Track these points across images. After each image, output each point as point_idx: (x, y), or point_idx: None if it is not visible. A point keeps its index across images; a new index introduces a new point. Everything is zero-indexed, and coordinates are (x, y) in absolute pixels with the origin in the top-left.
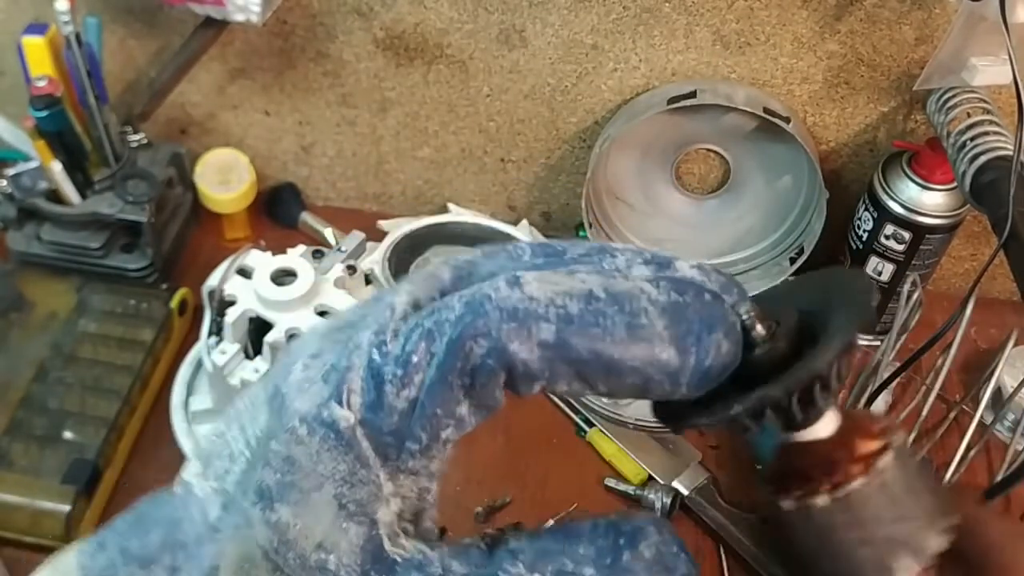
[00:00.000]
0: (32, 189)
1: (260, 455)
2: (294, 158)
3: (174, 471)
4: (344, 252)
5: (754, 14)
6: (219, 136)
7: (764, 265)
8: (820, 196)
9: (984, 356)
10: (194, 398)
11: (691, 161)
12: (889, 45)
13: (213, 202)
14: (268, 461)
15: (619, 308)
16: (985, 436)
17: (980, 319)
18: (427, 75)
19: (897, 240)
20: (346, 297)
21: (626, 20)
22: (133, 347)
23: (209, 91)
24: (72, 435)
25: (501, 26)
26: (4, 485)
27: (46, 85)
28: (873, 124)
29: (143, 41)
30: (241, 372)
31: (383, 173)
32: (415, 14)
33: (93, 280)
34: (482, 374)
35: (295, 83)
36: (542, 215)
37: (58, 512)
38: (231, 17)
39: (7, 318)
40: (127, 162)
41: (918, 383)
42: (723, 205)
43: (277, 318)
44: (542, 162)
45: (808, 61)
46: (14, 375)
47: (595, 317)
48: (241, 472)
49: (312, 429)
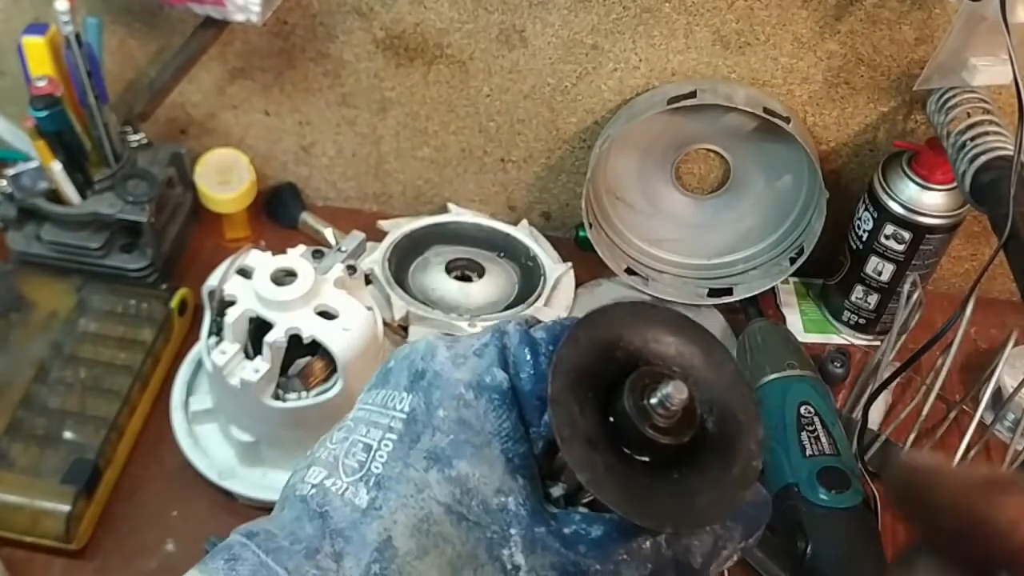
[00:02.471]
0: (32, 189)
1: (413, 432)
2: (294, 158)
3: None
4: (344, 252)
5: (754, 14)
6: (219, 136)
7: (764, 265)
8: (820, 196)
9: (984, 356)
10: (194, 398)
11: (691, 161)
12: (889, 45)
13: (213, 202)
14: (437, 428)
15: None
16: (985, 436)
17: (980, 319)
18: (427, 75)
19: (897, 240)
20: (346, 297)
21: (626, 20)
22: (133, 347)
23: (209, 91)
24: (72, 435)
25: (501, 26)
26: (4, 485)
27: (46, 85)
28: (873, 124)
29: (143, 41)
30: (241, 372)
31: (383, 173)
32: (415, 14)
33: (93, 280)
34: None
35: (295, 83)
36: (542, 215)
37: (58, 512)
38: (231, 17)
39: (7, 318)
40: (127, 162)
41: (918, 383)
42: (723, 205)
43: (277, 318)
44: (542, 162)
45: (808, 61)
46: (14, 375)
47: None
48: (390, 454)
49: (479, 392)
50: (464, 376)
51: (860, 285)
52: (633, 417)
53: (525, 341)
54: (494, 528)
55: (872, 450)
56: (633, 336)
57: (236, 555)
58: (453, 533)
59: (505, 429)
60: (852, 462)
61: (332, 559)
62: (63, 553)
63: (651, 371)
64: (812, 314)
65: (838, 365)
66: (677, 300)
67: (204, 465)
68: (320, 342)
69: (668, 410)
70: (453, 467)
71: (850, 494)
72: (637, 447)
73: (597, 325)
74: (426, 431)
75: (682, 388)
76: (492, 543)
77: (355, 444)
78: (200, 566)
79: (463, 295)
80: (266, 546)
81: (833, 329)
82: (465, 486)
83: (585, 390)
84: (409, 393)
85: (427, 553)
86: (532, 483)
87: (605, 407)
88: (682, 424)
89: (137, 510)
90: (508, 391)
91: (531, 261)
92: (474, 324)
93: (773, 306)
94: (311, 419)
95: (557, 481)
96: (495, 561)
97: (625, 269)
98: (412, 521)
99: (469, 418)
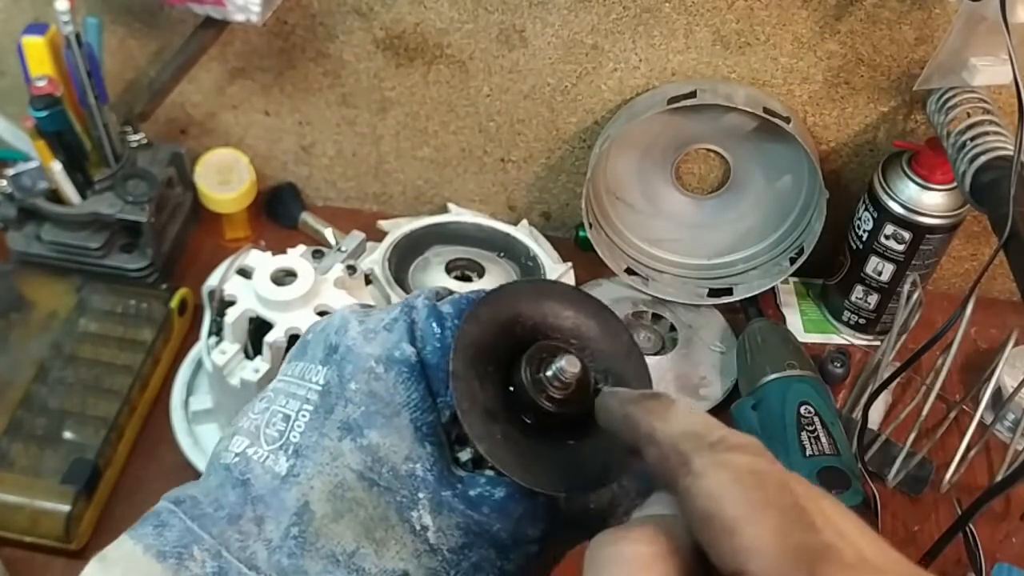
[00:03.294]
0: (32, 189)
1: (328, 403)
2: (294, 158)
3: (174, 471)
4: (344, 252)
5: (754, 14)
6: (219, 136)
7: (764, 265)
8: (820, 196)
9: (984, 356)
10: (194, 398)
11: (691, 161)
12: (889, 45)
13: (213, 202)
14: (349, 400)
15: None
16: (985, 436)
17: (980, 319)
18: (427, 75)
19: (897, 240)
20: (346, 297)
21: (626, 20)
22: (133, 347)
23: (209, 91)
24: (72, 435)
25: (501, 26)
26: (4, 485)
27: (46, 85)
28: (873, 124)
29: (143, 41)
30: (241, 372)
31: (383, 173)
32: (415, 14)
33: (93, 280)
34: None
35: (295, 83)
36: (542, 215)
37: (58, 512)
38: (231, 17)
39: (7, 318)
40: (127, 162)
41: (918, 383)
42: (723, 205)
43: (277, 318)
44: (542, 162)
45: (808, 61)
46: (14, 375)
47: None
48: (307, 424)
49: (388, 366)
50: (374, 351)
51: (860, 285)
52: (529, 389)
53: (432, 315)
54: (403, 492)
55: (872, 450)
56: (532, 311)
57: (164, 521)
58: (365, 498)
59: (413, 400)
60: (852, 462)
61: (254, 524)
62: (63, 553)
63: (547, 345)
64: (812, 314)
65: (838, 365)
66: (677, 300)
67: (204, 465)
68: None
69: (562, 382)
70: (365, 436)
71: (850, 494)
72: (534, 416)
73: (497, 302)
74: (339, 403)
75: (575, 362)
76: (402, 506)
77: (275, 414)
78: (130, 531)
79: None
80: (192, 512)
81: (833, 329)
82: (376, 454)
83: (485, 364)
84: (324, 366)
85: (342, 516)
86: (439, 450)
87: (505, 380)
88: (576, 394)
89: (137, 510)
90: (416, 364)
91: (531, 261)
92: None
93: (773, 306)
94: None
95: (465, 447)
96: (405, 523)
97: (625, 269)
98: (328, 487)
99: (379, 390)
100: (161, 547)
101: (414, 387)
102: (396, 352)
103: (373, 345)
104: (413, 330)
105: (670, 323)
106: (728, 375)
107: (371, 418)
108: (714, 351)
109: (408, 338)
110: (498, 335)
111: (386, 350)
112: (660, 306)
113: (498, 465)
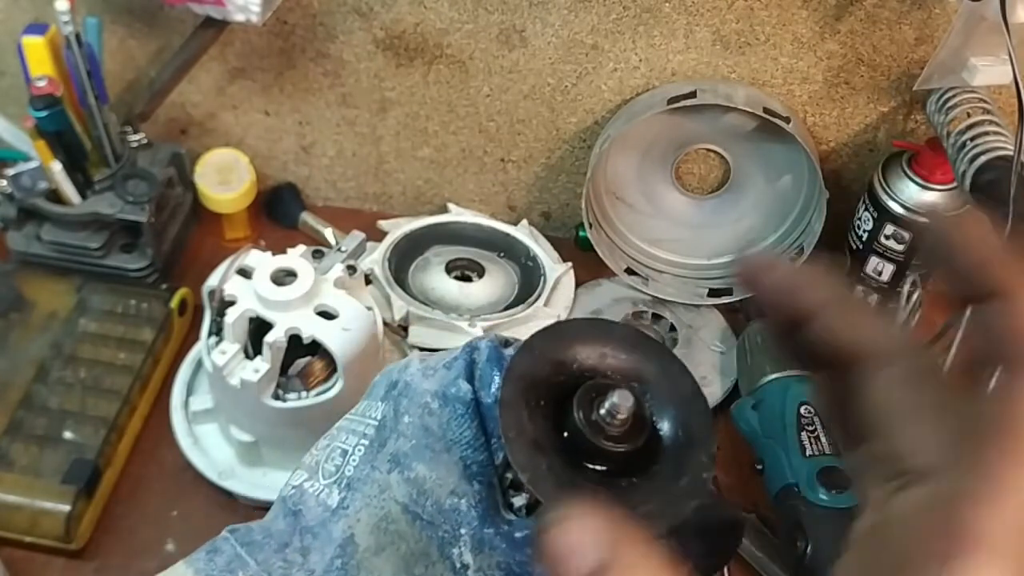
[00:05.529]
0: (32, 189)
1: (382, 437)
2: (294, 158)
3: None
4: (344, 252)
5: (754, 14)
6: (219, 136)
7: None
8: (820, 196)
9: None
10: (194, 398)
11: (691, 161)
12: (889, 45)
13: (213, 202)
14: (401, 433)
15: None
16: None
17: None
18: (427, 75)
19: (897, 240)
20: (346, 297)
21: (626, 20)
22: (133, 347)
23: (209, 91)
24: (72, 435)
25: (501, 26)
26: (4, 485)
27: (46, 85)
28: (873, 124)
29: (143, 41)
30: (241, 372)
31: (383, 173)
32: (415, 14)
33: (93, 280)
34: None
35: (295, 83)
36: (542, 215)
37: (58, 512)
38: (231, 17)
39: (7, 318)
40: (127, 162)
41: None
42: (723, 205)
43: (277, 318)
44: (542, 162)
45: (808, 61)
46: (14, 375)
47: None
48: (361, 458)
49: (443, 402)
50: (431, 386)
51: (860, 285)
52: (584, 430)
53: (494, 358)
54: (445, 527)
55: None
56: (589, 351)
57: (217, 548)
58: (408, 531)
59: (465, 437)
60: None
61: (299, 553)
62: (63, 553)
63: (598, 384)
64: None
65: None
66: (677, 300)
67: (204, 465)
68: (320, 342)
69: (616, 418)
70: (412, 469)
71: (850, 494)
72: (591, 458)
73: (554, 336)
74: (392, 436)
75: (627, 396)
76: (443, 542)
77: (335, 450)
78: (187, 559)
79: (463, 295)
80: (243, 539)
81: None
82: (421, 487)
83: (537, 398)
84: (383, 402)
85: (383, 549)
86: (487, 490)
87: (556, 418)
88: (632, 431)
89: (137, 510)
90: (471, 402)
91: (531, 261)
92: (474, 324)
93: None
94: (311, 419)
95: (519, 492)
96: (446, 559)
97: (625, 269)
98: (373, 520)
99: (432, 425)
100: (210, 571)
101: (467, 424)
102: (452, 389)
103: (431, 381)
104: (472, 370)
105: (670, 323)
106: (728, 375)
107: (420, 451)
108: (714, 351)
109: (466, 376)
110: (552, 371)
111: (442, 386)
112: (660, 306)
113: (538, 494)
